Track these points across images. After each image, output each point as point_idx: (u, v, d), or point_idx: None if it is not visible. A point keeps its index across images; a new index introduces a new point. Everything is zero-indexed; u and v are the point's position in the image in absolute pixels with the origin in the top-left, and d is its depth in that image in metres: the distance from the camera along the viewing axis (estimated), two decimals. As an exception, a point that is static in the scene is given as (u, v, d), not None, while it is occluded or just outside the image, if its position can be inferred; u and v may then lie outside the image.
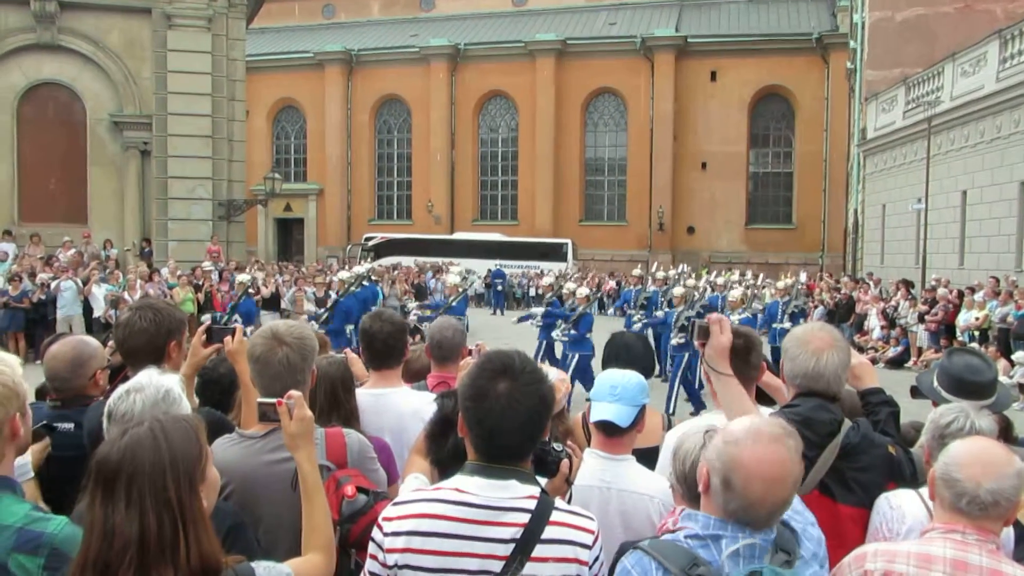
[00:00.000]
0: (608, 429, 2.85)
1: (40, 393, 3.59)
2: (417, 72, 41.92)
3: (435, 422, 2.56)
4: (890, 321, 19.57)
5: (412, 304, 18.12)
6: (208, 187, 20.93)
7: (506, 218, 42.39)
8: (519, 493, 1.96)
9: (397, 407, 3.39)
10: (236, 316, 14.10)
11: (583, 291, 13.37)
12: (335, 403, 3.09)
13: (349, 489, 2.48)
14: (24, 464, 2.33)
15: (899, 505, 2.56)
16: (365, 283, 15.08)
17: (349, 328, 13.15)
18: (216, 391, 3.37)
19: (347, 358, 3.65)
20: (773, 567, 1.81)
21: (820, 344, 2.69)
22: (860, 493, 2.62)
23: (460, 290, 14.67)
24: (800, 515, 2.10)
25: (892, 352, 18.67)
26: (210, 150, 20.85)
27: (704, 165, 39.57)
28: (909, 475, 2.70)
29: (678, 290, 14.89)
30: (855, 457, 2.63)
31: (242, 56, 22.01)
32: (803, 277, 23.36)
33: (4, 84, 20.03)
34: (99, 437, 2.32)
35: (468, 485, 1.98)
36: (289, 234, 45.26)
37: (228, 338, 2.96)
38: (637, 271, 20.29)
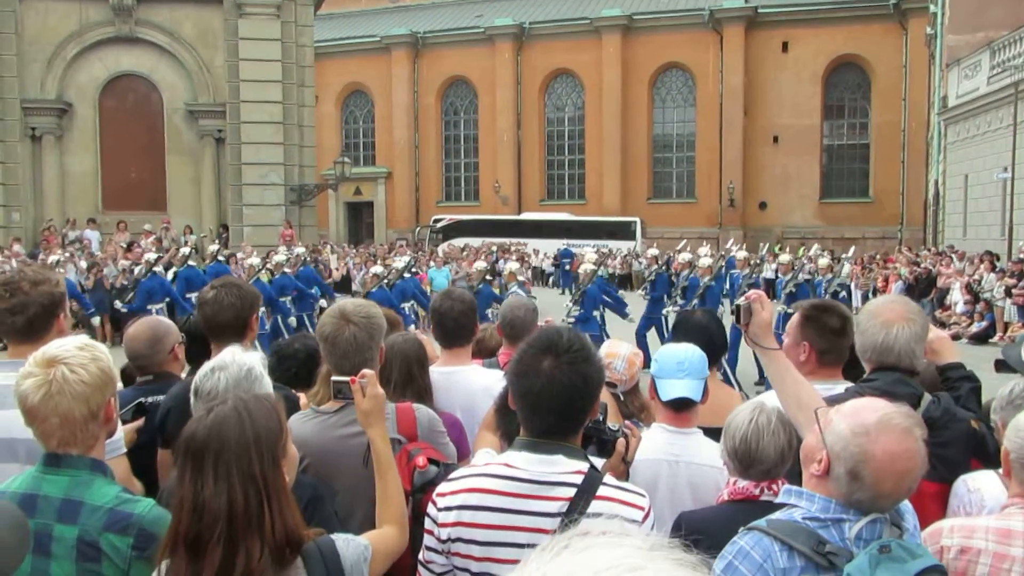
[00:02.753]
0: (679, 404, 2.84)
1: (123, 375, 3.74)
2: (482, 53, 41.91)
3: (504, 397, 2.58)
4: (974, 295, 18.86)
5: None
6: (280, 173, 21.39)
7: (573, 197, 42.21)
8: (566, 468, 1.97)
9: (468, 384, 3.42)
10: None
11: (588, 266, 12.99)
12: (409, 379, 3.14)
13: (420, 460, 2.52)
14: (117, 440, 2.43)
15: (978, 488, 2.48)
16: (406, 275, 15.17)
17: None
18: (291, 366, 3.46)
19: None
20: (898, 541, 1.77)
21: (891, 316, 2.62)
22: (942, 469, 2.54)
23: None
24: None
25: (976, 327, 17.98)
26: (281, 136, 21.29)
27: (776, 139, 38.65)
28: (993, 451, 2.60)
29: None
30: (936, 432, 2.55)
31: (310, 42, 22.36)
32: (801, 253, 19.99)
33: (86, 77, 20.78)
34: (182, 413, 2.42)
35: (517, 460, 2.00)
36: (359, 217, 45.92)
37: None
38: (685, 255, 15.68)
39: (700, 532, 2.35)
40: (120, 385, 3.51)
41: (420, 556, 2.13)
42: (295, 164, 21.85)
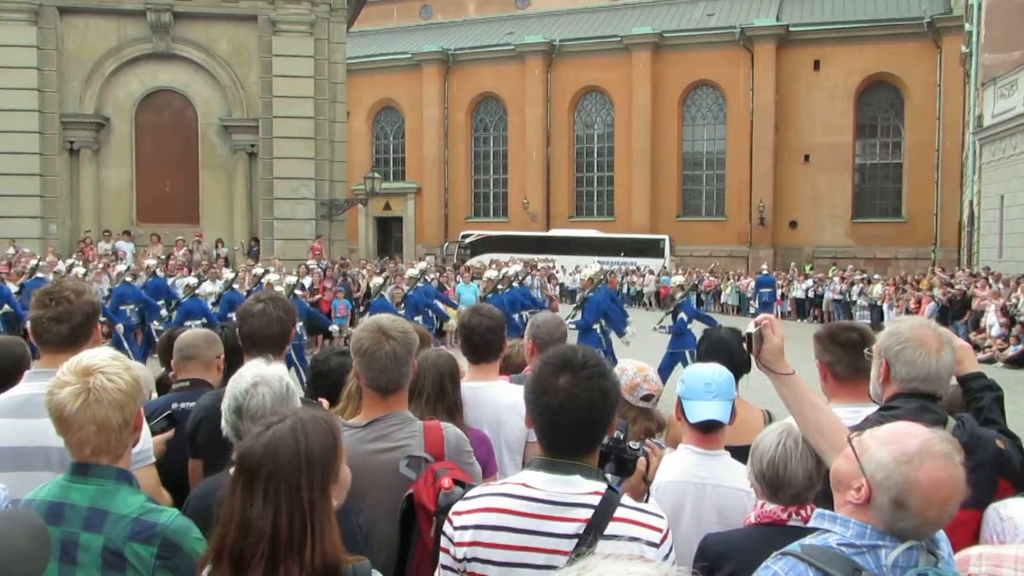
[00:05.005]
0: (707, 426, 2.81)
1: (159, 385, 3.81)
2: (513, 70, 42.13)
3: None
4: (1010, 318, 18.53)
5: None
6: (311, 187, 21.60)
7: (602, 214, 42.16)
8: (583, 488, 1.96)
9: (495, 400, 3.41)
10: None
11: (588, 272, 12.56)
12: (441, 394, 3.15)
13: (446, 481, 2.51)
14: (146, 450, 2.46)
15: (1010, 516, 2.42)
16: (419, 284, 15.20)
17: None
18: (326, 384, 3.48)
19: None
20: (936, 569, 1.74)
21: (937, 343, 2.53)
22: (972, 494, 2.49)
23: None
24: None
25: (1012, 351, 17.68)
26: (313, 151, 21.52)
27: (807, 157, 38.37)
28: (1020, 466, 2.55)
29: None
30: (965, 457, 2.51)
31: (343, 59, 22.61)
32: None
33: (123, 92, 21.17)
34: (213, 425, 2.44)
35: (533, 480, 1.99)
36: (388, 232, 46.20)
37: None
38: (678, 278, 14.93)
39: (725, 555, 2.33)
40: (155, 394, 3.59)
41: (436, 574, 2.12)
42: (326, 179, 22.06)
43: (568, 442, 1.98)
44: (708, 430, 2.82)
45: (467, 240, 38.29)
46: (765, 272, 26.14)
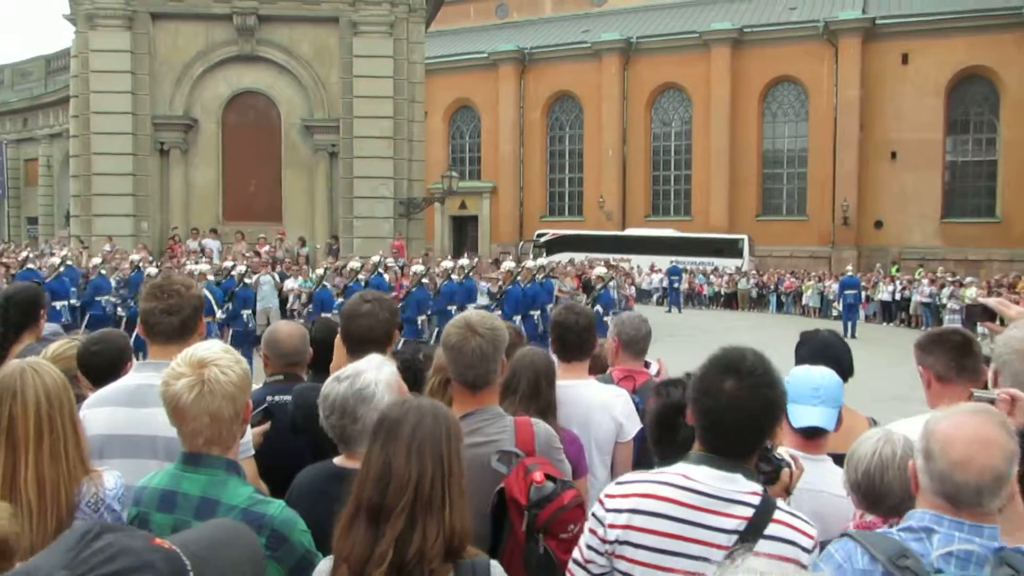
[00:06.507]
0: (811, 432, 2.73)
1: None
2: (589, 68, 41.92)
3: (657, 413, 2.58)
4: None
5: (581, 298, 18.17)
6: (390, 186, 21.90)
7: (679, 213, 41.61)
8: (745, 488, 1.99)
9: (585, 399, 3.39)
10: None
11: (600, 270, 12.69)
12: (536, 393, 3.14)
13: (538, 475, 2.51)
14: (246, 442, 2.52)
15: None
16: (453, 276, 15.62)
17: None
18: (410, 375, 3.52)
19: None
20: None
21: None
22: None
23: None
24: None
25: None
26: (392, 151, 21.81)
27: (894, 155, 37.09)
28: None
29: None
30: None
31: (421, 59, 22.85)
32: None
33: (211, 94, 21.83)
34: (310, 416, 2.48)
35: (695, 473, 2.01)
36: (464, 231, 46.52)
37: None
38: (600, 270, 16.18)
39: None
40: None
41: (576, 555, 2.15)
42: (404, 178, 22.33)
43: (730, 445, 2.01)
44: (811, 436, 2.74)
45: (542, 239, 38.27)
46: (850, 273, 25.35)
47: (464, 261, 17.86)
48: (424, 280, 15.41)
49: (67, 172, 24.77)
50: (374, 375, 2.39)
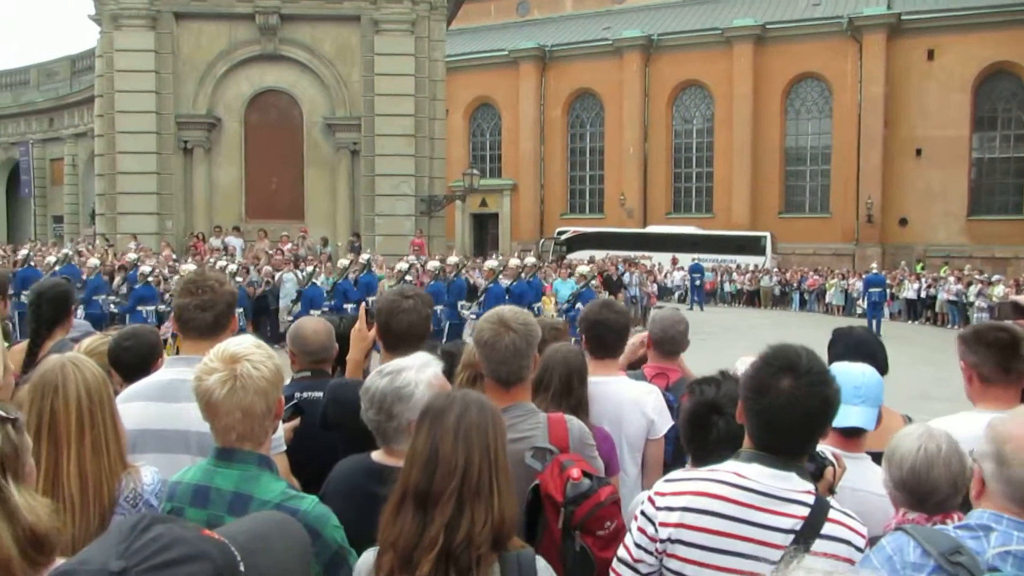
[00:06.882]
0: (851, 432, 2.69)
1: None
2: (610, 65, 41.78)
3: (690, 412, 2.54)
4: None
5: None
6: (411, 184, 21.94)
7: (701, 211, 41.41)
8: (799, 487, 1.96)
9: (617, 396, 3.36)
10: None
11: (583, 268, 12.69)
12: (568, 390, 3.11)
13: (575, 472, 2.49)
14: (278, 438, 2.50)
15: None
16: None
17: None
18: (448, 367, 3.51)
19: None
20: None
21: None
22: None
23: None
24: None
25: None
26: (413, 148, 21.85)
27: (919, 152, 36.69)
28: None
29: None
30: None
31: (442, 57, 22.87)
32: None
33: (234, 93, 21.96)
34: (345, 411, 2.46)
35: (748, 471, 1.98)
36: (484, 229, 46.57)
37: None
38: (583, 268, 15.96)
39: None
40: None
41: (623, 555, 2.12)
42: (425, 176, 22.37)
43: (785, 443, 1.98)
44: (851, 434, 2.69)
45: (563, 236, 38.22)
46: (875, 271, 25.09)
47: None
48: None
49: (92, 171, 25.02)
50: (415, 375, 2.37)
